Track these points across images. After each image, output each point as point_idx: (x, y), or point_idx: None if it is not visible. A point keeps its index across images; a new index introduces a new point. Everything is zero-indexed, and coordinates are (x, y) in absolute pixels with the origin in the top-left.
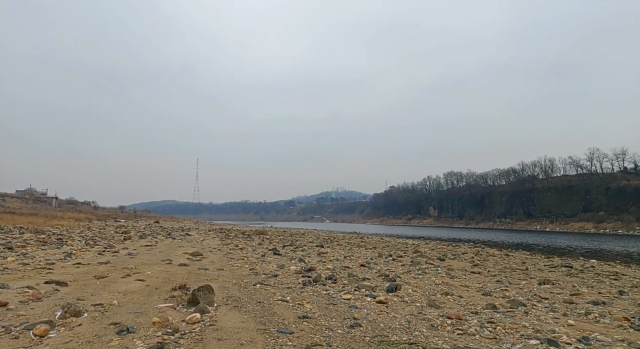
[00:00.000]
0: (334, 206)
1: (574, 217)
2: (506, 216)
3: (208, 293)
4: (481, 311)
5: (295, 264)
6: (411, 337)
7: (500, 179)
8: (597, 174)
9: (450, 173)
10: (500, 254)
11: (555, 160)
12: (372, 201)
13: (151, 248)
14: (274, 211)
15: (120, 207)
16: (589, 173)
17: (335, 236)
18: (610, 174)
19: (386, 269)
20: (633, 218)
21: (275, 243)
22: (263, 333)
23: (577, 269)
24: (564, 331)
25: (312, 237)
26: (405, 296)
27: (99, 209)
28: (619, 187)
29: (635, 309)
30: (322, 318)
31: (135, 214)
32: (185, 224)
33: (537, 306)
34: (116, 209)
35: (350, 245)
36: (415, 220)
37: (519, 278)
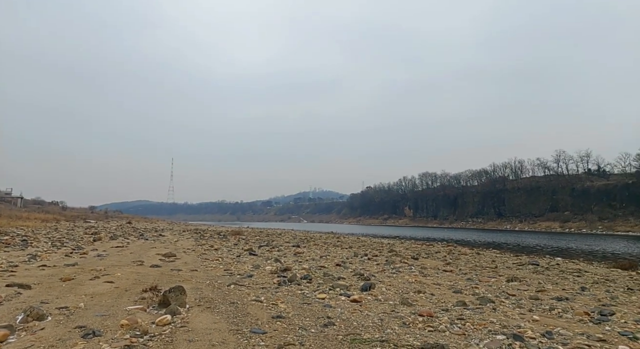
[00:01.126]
0: (311, 206)
1: (542, 217)
2: (478, 216)
3: (180, 294)
4: (452, 308)
5: (271, 264)
6: (383, 335)
7: (473, 180)
8: (563, 175)
9: (425, 174)
10: (472, 253)
11: (524, 161)
12: (349, 201)
13: (122, 249)
14: (251, 211)
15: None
16: (555, 174)
17: (312, 236)
18: (575, 176)
19: (361, 269)
20: (596, 218)
21: (251, 244)
22: (235, 333)
23: (543, 267)
24: (529, 326)
25: (289, 238)
26: (379, 294)
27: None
28: (583, 188)
29: (595, 304)
30: (296, 318)
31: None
32: (159, 224)
33: (505, 302)
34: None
35: (327, 245)
36: (391, 220)
37: (488, 275)
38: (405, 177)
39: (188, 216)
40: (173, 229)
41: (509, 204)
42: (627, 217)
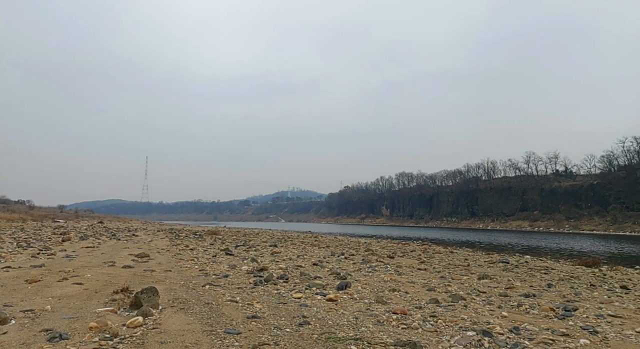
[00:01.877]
0: (289, 205)
1: (512, 216)
2: (452, 215)
3: (152, 295)
4: (425, 305)
5: (248, 264)
6: (357, 333)
7: (448, 180)
8: (533, 176)
9: (402, 174)
10: (446, 252)
11: (496, 162)
12: (327, 201)
13: (93, 250)
14: (228, 210)
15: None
16: (525, 175)
17: (290, 235)
18: (544, 176)
19: (338, 268)
20: (563, 217)
21: (227, 243)
22: (209, 334)
23: (513, 265)
24: (498, 322)
25: (266, 237)
26: (355, 293)
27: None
28: (551, 188)
29: (560, 300)
30: (271, 318)
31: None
32: (132, 224)
33: (476, 299)
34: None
35: (304, 244)
36: (369, 219)
37: (461, 273)
38: (382, 177)
39: (163, 215)
40: (147, 229)
41: (482, 204)
42: (592, 216)
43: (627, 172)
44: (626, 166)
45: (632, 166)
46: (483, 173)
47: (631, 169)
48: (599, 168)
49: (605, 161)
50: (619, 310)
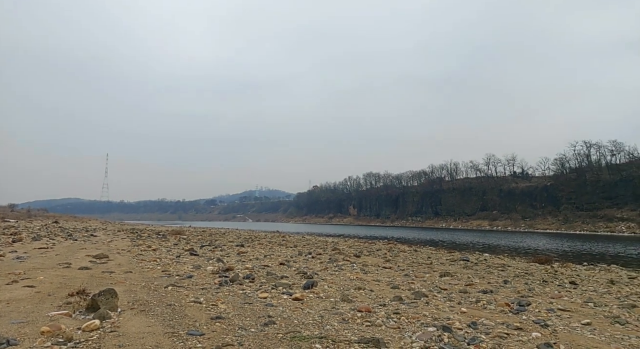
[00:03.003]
0: (257, 205)
1: (473, 215)
2: (417, 215)
3: (111, 298)
4: (389, 303)
5: (213, 265)
6: (322, 331)
7: (413, 181)
8: (492, 177)
9: (369, 174)
10: (410, 250)
11: (459, 164)
12: (295, 200)
13: (46, 251)
14: (194, 210)
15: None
16: (486, 176)
17: (257, 235)
18: (502, 178)
19: (305, 267)
20: (519, 217)
21: (192, 243)
22: (171, 336)
23: (473, 262)
24: (457, 318)
25: (233, 237)
26: (321, 292)
27: None
28: (509, 189)
29: (515, 296)
30: (236, 318)
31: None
32: (91, 224)
33: (437, 296)
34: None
35: (272, 244)
36: (337, 219)
37: (424, 271)
38: (350, 177)
39: (124, 215)
40: (107, 229)
41: (445, 204)
42: (546, 216)
43: (578, 174)
44: (576, 169)
45: (581, 169)
46: (446, 174)
47: (581, 172)
48: (552, 170)
49: (558, 163)
50: (567, 304)
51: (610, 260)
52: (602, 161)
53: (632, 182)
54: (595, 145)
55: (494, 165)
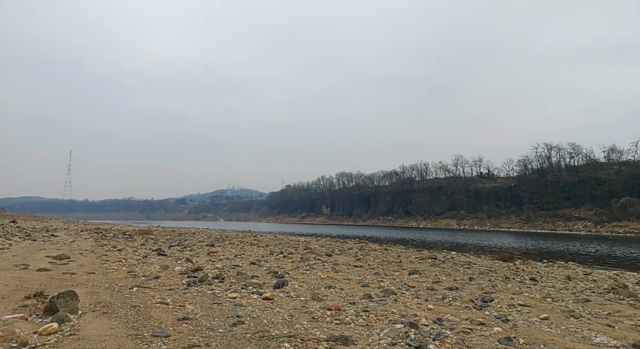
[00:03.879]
0: (229, 204)
1: (442, 215)
2: (388, 214)
3: (71, 300)
4: (358, 301)
5: (181, 265)
6: (292, 330)
7: (385, 180)
8: (460, 177)
9: (342, 174)
10: (381, 249)
11: (429, 164)
12: (268, 200)
13: (2, 252)
14: (163, 209)
15: None
16: (454, 177)
17: (228, 234)
18: (470, 178)
19: (276, 267)
20: (485, 216)
21: (160, 243)
22: (134, 338)
23: (440, 260)
24: (424, 315)
25: (203, 237)
26: (292, 291)
27: None
28: (476, 189)
29: (479, 292)
30: (204, 319)
31: None
32: (52, 223)
33: (405, 294)
34: None
35: (243, 244)
36: (309, 218)
37: (393, 269)
38: (323, 176)
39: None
40: (69, 229)
41: (415, 203)
42: (510, 215)
43: (539, 175)
44: (538, 170)
45: (543, 170)
46: (417, 174)
47: (542, 173)
48: (516, 171)
49: (521, 164)
50: (527, 300)
51: (568, 257)
52: (561, 162)
53: (589, 183)
54: (556, 147)
55: (462, 166)
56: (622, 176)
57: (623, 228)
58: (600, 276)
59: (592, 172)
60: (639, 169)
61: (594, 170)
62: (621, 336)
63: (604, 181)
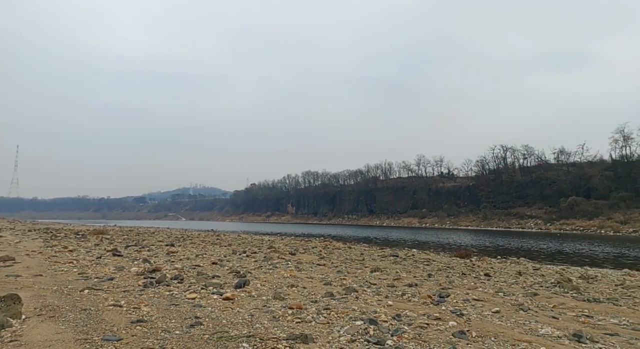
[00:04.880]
0: (191, 203)
1: (405, 213)
2: (353, 213)
3: (13, 303)
4: (320, 299)
5: (138, 266)
6: (252, 330)
7: (350, 179)
8: (422, 177)
9: (308, 172)
10: (345, 247)
11: (393, 164)
12: (232, 198)
13: None
14: (120, 208)
15: None
16: (416, 176)
17: (190, 234)
18: (431, 178)
19: (238, 266)
20: (445, 214)
21: (117, 243)
22: (83, 343)
23: (402, 258)
24: (384, 311)
25: (163, 236)
26: (253, 290)
27: None
28: (437, 188)
29: (437, 288)
30: (159, 320)
31: None
32: None
33: (367, 291)
34: None
35: (205, 243)
36: (274, 217)
37: (356, 267)
38: (289, 175)
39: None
40: (15, 229)
41: (379, 202)
42: (468, 214)
43: (496, 175)
44: (495, 170)
45: (499, 170)
46: (381, 173)
47: (498, 173)
48: (474, 171)
49: (479, 165)
50: (481, 295)
51: (520, 253)
52: (516, 163)
53: (540, 183)
54: (511, 149)
55: (424, 166)
56: (570, 177)
57: (570, 226)
58: (548, 270)
59: (543, 173)
60: (584, 170)
61: (544, 171)
62: (564, 326)
63: (553, 181)
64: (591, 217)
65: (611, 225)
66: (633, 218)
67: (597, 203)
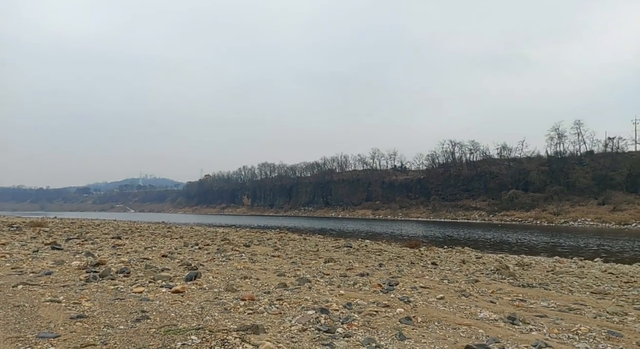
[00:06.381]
0: (140, 194)
1: (359, 205)
2: (309, 205)
3: None
4: (273, 290)
5: (80, 259)
6: (201, 322)
7: (306, 171)
8: (376, 170)
9: (264, 164)
10: (300, 239)
11: (348, 156)
12: (185, 190)
13: None
14: (61, 199)
15: None
16: (371, 169)
17: (139, 226)
18: (385, 171)
19: (190, 259)
20: (398, 206)
21: (56, 236)
22: (15, 341)
23: (355, 249)
24: (335, 300)
25: (109, 229)
26: (205, 283)
27: None
28: (390, 181)
29: (387, 277)
30: (102, 315)
31: None
32: None
33: (320, 281)
34: None
35: (155, 235)
36: (229, 209)
37: (310, 258)
38: (245, 166)
39: None
40: None
41: (335, 194)
42: (419, 206)
43: (445, 169)
44: (444, 164)
45: (448, 164)
46: (337, 166)
47: (447, 167)
48: (425, 165)
49: (430, 159)
50: (427, 282)
51: (465, 243)
52: (463, 158)
53: (484, 177)
54: (459, 144)
55: (379, 159)
56: (511, 171)
57: (510, 217)
58: (489, 259)
59: (487, 167)
60: (523, 165)
61: (489, 165)
62: (500, 310)
63: (496, 175)
64: (528, 209)
65: (545, 216)
66: (564, 210)
67: (534, 196)
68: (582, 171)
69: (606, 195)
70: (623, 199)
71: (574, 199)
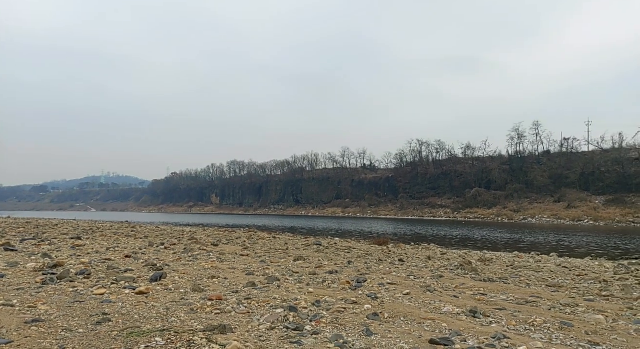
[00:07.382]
0: (103, 192)
1: (329, 203)
2: (280, 203)
3: None
4: (242, 289)
5: (36, 261)
6: (166, 324)
7: (277, 170)
8: (346, 168)
9: (234, 162)
10: (269, 237)
11: (319, 155)
12: (150, 188)
13: None
14: (15, 198)
15: None
16: (341, 167)
17: (101, 226)
18: (355, 169)
19: (155, 259)
20: (367, 204)
21: (10, 237)
22: None
23: (325, 247)
24: (304, 298)
25: (68, 229)
26: (170, 283)
27: None
28: (359, 179)
29: (356, 274)
30: (60, 319)
31: None
32: None
33: (289, 279)
34: None
35: (118, 235)
36: (197, 207)
37: (280, 256)
38: (213, 164)
39: None
40: None
41: (305, 193)
42: (387, 204)
43: (412, 167)
44: (412, 163)
45: (415, 163)
46: (307, 164)
47: (415, 166)
48: (393, 164)
49: (398, 158)
50: (395, 279)
51: (431, 240)
52: (430, 157)
53: (450, 176)
54: (426, 143)
55: (348, 157)
56: (474, 170)
57: (473, 214)
58: (453, 255)
59: (452, 166)
60: (486, 164)
61: (454, 164)
62: (463, 304)
63: (461, 174)
64: (490, 207)
65: (506, 213)
66: (524, 207)
67: (496, 194)
68: (540, 170)
69: (561, 193)
70: (577, 197)
71: (532, 196)
